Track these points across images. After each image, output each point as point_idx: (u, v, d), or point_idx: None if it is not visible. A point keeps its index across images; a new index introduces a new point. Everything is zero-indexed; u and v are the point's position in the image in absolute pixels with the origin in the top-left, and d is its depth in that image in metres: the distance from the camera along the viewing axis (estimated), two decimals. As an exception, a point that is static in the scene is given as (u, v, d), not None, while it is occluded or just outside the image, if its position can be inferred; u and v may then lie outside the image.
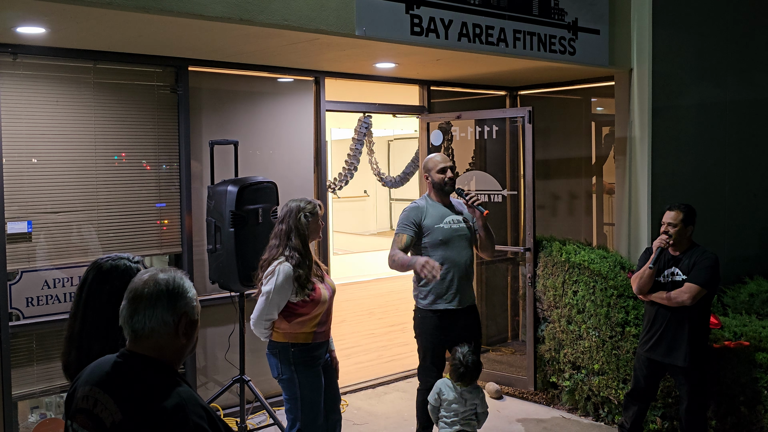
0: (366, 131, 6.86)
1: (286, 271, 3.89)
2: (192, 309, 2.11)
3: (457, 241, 4.64)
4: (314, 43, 4.79)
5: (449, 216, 4.67)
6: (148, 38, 4.57)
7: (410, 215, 4.68)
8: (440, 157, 4.73)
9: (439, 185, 4.68)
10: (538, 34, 5.58)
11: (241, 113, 5.71)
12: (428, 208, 4.70)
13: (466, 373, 4.23)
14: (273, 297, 3.89)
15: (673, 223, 4.55)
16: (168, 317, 2.06)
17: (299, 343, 3.98)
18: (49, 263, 4.79)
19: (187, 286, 2.12)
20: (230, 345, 5.52)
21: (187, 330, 2.10)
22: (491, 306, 7.43)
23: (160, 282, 2.08)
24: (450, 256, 4.60)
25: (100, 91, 5.01)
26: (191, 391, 2.04)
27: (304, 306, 3.94)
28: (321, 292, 3.99)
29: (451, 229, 4.63)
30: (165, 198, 5.33)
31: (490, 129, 6.46)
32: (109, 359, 2.12)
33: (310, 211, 4.00)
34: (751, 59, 7.06)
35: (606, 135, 7.34)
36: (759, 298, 5.89)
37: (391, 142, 14.64)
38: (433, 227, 4.63)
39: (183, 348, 2.12)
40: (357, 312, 9.21)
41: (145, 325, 2.04)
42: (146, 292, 2.06)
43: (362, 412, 5.84)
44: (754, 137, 7.11)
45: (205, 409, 2.03)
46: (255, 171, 5.59)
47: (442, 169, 4.67)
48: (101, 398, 2.02)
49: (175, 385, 2.02)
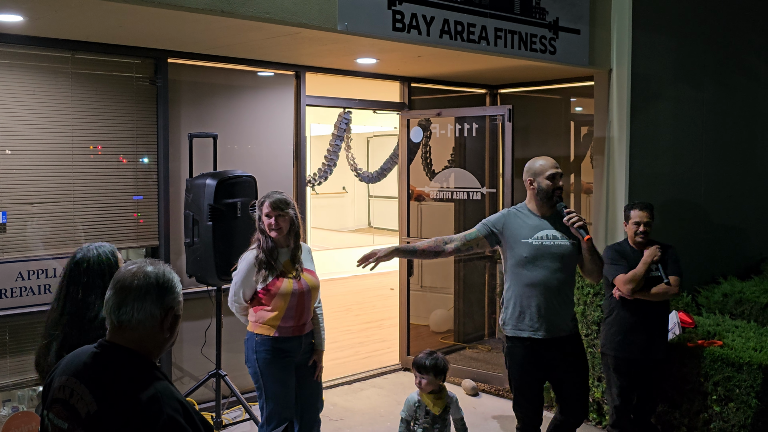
0: (346, 127, 6.86)
1: (249, 256, 4.05)
2: (178, 304, 2.13)
3: (546, 260, 3.93)
4: (296, 37, 4.77)
5: (544, 231, 3.98)
6: (127, 29, 4.53)
7: (493, 216, 4.16)
8: (549, 162, 4.09)
9: (547, 193, 4.01)
10: (519, 32, 5.60)
11: (220, 106, 5.68)
12: (519, 217, 4.07)
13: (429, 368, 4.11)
14: (238, 279, 4.06)
15: (646, 221, 4.65)
16: (156, 311, 2.06)
17: (263, 334, 4.04)
18: (24, 255, 4.73)
19: (176, 281, 2.14)
20: (206, 339, 5.49)
21: (171, 324, 2.12)
22: (468, 303, 7.46)
23: (149, 275, 2.08)
24: (535, 278, 3.93)
25: (78, 81, 4.95)
26: (168, 384, 2.04)
27: (264, 296, 4.01)
28: (281, 285, 3.99)
29: (541, 246, 3.94)
30: (142, 190, 5.28)
31: (470, 127, 6.48)
32: (87, 349, 2.10)
33: (257, 206, 4.09)
34: (728, 62, 7.14)
35: (584, 135, 7.39)
36: (732, 298, 5.96)
37: (370, 138, 14.65)
38: (517, 241, 3.98)
39: (165, 342, 2.12)
40: (334, 308, 9.23)
41: (133, 317, 2.04)
42: (135, 284, 2.06)
43: (338, 408, 5.84)
44: (730, 139, 7.19)
45: (181, 403, 2.02)
46: (234, 165, 5.56)
47: (551, 175, 4.03)
48: (77, 389, 2.01)
49: (152, 378, 2.01)
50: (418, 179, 6.87)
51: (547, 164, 4.07)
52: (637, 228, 4.66)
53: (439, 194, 6.76)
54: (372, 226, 16.02)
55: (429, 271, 7.42)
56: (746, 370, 4.53)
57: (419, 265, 7.17)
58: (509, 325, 4.03)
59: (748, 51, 7.40)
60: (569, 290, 4.06)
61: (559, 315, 3.97)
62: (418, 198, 6.90)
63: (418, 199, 6.91)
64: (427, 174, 6.92)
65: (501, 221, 4.07)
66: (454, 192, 6.63)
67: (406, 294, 6.86)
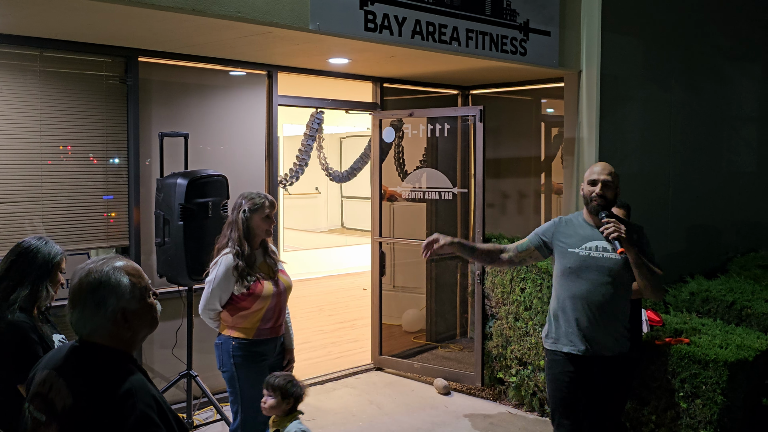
0: (318, 127, 6.86)
1: (228, 262, 3.92)
2: (128, 301, 2.07)
3: (592, 272, 3.74)
4: (268, 37, 4.76)
5: (594, 241, 3.77)
6: (97, 27, 4.49)
7: (544, 225, 4.00)
8: (599, 167, 3.85)
9: (586, 199, 3.82)
10: (490, 33, 5.65)
11: (192, 106, 5.65)
12: (571, 225, 3.89)
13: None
14: (214, 287, 3.94)
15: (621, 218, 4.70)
16: (101, 320, 2.05)
17: (240, 337, 3.98)
18: (-10, 255, 4.67)
19: (115, 280, 2.06)
20: (177, 340, 5.46)
21: (129, 321, 2.08)
22: (440, 303, 7.50)
23: (83, 286, 2.06)
24: (578, 290, 3.76)
25: (47, 80, 4.90)
26: (143, 380, 2.04)
27: (245, 299, 3.94)
28: (263, 288, 3.97)
29: (588, 257, 3.75)
30: (113, 190, 5.24)
31: (442, 127, 6.51)
32: (68, 345, 2.14)
33: (249, 208, 3.97)
34: (695, 64, 7.25)
35: (555, 135, 7.46)
36: (699, 297, 6.06)
37: (343, 139, 14.65)
38: (565, 251, 3.82)
39: (132, 338, 2.11)
40: (307, 308, 9.23)
41: (84, 327, 2.06)
42: (79, 298, 2.06)
43: (310, 407, 5.83)
44: (697, 140, 7.31)
45: (156, 399, 2.03)
46: (205, 164, 5.54)
47: (592, 181, 3.80)
48: (56, 383, 2.04)
49: (127, 373, 2.02)
50: (391, 179, 6.89)
51: (595, 169, 3.84)
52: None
53: (411, 194, 6.78)
54: (345, 226, 16.01)
55: (401, 271, 7.44)
56: (712, 367, 4.61)
57: (391, 264, 7.19)
58: (550, 338, 3.89)
59: (714, 53, 7.52)
60: (616, 307, 3.78)
61: (601, 332, 3.75)
62: (391, 198, 6.92)
63: (390, 200, 6.93)
64: (400, 174, 6.94)
65: (551, 230, 3.91)
66: (426, 192, 6.65)
67: (379, 294, 6.88)
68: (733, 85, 7.82)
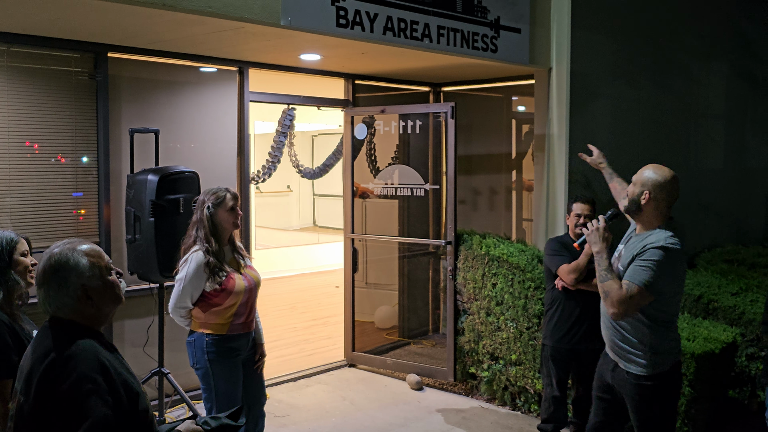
0: (290, 123, 6.85)
1: (198, 259, 3.90)
2: (88, 278, 2.23)
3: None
4: (239, 32, 4.75)
5: (619, 249, 3.89)
6: (66, 22, 4.45)
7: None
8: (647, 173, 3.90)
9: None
10: (461, 30, 5.68)
11: (162, 102, 5.61)
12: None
13: None
14: (185, 285, 3.92)
15: (587, 213, 4.78)
16: (65, 297, 2.21)
17: (214, 333, 3.97)
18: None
19: (74, 260, 2.22)
20: (149, 337, 5.42)
21: (92, 298, 2.23)
22: (413, 299, 7.53)
23: (47, 269, 2.22)
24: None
25: (14, 75, 4.84)
26: (93, 345, 2.17)
27: (217, 296, 3.93)
28: (235, 283, 3.96)
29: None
30: (82, 187, 5.19)
31: (414, 124, 6.53)
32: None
33: (213, 203, 3.96)
34: (664, 62, 7.35)
35: (526, 132, 7.52)
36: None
37: (315, 137, 14.60)
38: None
39: (97, 313, 2.26)
40: (279, 306, 9.20)
41: (51, 305, 2.23)
42: (43, 278, 2.23)
43: (283, 404, 5.83)
44: (666, 137, 7.41)
45: (103, 364, 2.13)
46: (177, 161, 5.50)
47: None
48: (27, 354, 2.24)
49: (76, 339, 2.15)
50: (363, 176, 6.90)
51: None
52: (578, 220, 4.79)
53: (383, 191, 6.80)
54: (317, 224, 15.98)
55: (374, 268, 7.46)
56: (680, 359, 4.68)
57: (363, 261, 7.20)
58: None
59: (682, 51, 7.63)
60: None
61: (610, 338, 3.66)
62: (363, 195, 6.92)
63: (362, 197, 6.94)
64: (372, 171, 6.95)
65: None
66: (398, 188, 6.67)
67: (351, 291, 6.88)
68: (700, 83, 7.94)
